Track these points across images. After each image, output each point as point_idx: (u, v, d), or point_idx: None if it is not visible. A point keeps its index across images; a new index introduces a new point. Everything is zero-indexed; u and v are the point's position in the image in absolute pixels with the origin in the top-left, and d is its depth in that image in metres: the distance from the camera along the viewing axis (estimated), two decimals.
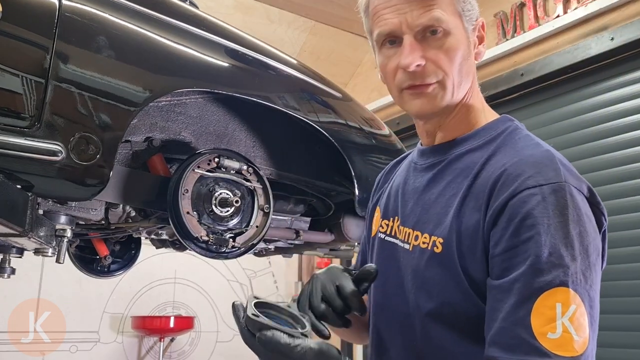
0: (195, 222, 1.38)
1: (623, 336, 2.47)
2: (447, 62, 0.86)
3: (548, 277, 0.72)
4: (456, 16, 0.87)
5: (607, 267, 2.40)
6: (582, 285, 0.73)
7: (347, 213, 1.81)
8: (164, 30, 1.28)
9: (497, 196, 0.80)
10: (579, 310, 0.72)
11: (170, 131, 1.48)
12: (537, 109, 3.07)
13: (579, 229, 0.76)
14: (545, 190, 0.76)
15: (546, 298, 0.72)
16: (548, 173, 0.78)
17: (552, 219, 0.75)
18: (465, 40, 0.89)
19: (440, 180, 0.92)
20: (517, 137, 0.89)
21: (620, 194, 2.58)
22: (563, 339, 0.70)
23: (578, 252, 0.74)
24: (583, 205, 0.78)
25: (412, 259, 0.91)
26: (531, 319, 0.71)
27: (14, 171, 1.04)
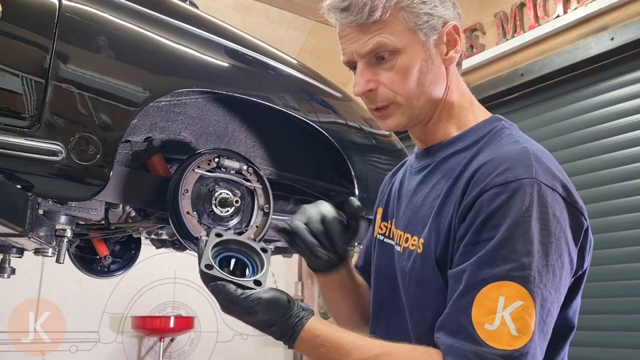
0: (195, 222, 1.38)
1: (623, 336, 2.47)
2: (399, 82, 0.88)
3: (495, 270, 0.74)
4: (409, 33, 0.88)
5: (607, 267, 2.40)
6: (536, 283, 0.73)
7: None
8: (164, 31, 1.28)
9: (469, 193, 0.81)
10: (525, 307, 0.72)
11: (170, 131, 1.48)
12: (537, 109, 3.07)
13: (541, 227, 0.76)
14: (511, 187, 0.77)
15: (490, 290, 0.73)
16: (518, 170, 0.79)
17: (513, 216, 0.75)
18: (422, 55, 0.89)
19: (428, 182, 0.93)
20: (500, 137, 0.90)
21: (620, 194, 2.58)
22: (499, 332, 0.71)
23: (536, 250, 0.74)
24: (553, 204, 0.78)
25: (402, 260, 0.93)
26: (472, 308, 0.73)
27: (14, 171, 1.04)
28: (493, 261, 0.74)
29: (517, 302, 0.72)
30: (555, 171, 0.83)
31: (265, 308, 0.84)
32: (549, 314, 0.75)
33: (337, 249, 1.03)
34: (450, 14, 0.91)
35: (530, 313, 0.72)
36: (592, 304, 2.61)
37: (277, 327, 0.84)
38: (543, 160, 0.82)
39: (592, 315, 2.60)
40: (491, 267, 0.74)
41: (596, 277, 2.61)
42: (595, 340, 2.57)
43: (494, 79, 3.23)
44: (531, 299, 0.72)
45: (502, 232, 0.75)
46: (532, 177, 0.78)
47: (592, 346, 2.58)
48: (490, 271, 0.74)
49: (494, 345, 0.71)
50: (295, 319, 0.84)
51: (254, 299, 0.84)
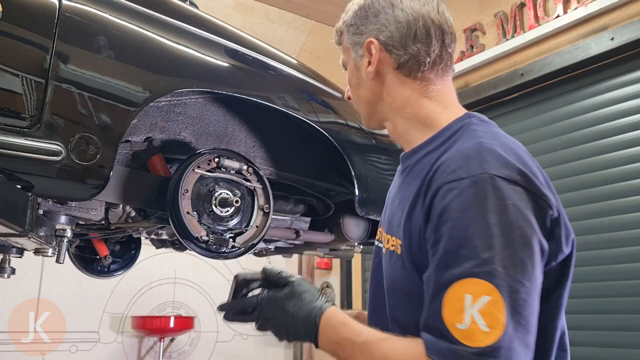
0: (195, 222, 1.38)
1: (623, 336, 2.47)
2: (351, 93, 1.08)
3: (457, 270, 0.75)
4: (348, 51, 1.04)
5: (607, 267, 2.39)
6: (501, 276, 0.73)
7: (347, 213, 1.81)
8: (164, 31, 1.28)
9: (427, 193, 0.84)
10: (493, 302, 0.72)
11: (170, 131, 1.48)
12: (537, 109, 3.07)
13: (500, 219, 0.76)
14: (463, 184, 0.78)
15: (455, 290, 0.74)
16: (471, 166, 0.80)
17: (467, 212, 0.76)
18: (355, 70, 1.03)
19: (405, 184, 0.97)
20: (465, 133, 0.91)
21: (620, 194, 2.58)
22: (470, 330, 0.72)
23: (497, 244, 0.74)
24: (511, 195, 0.77)
25: (387, 261, 0.97)
26: (443, 310, 0.75)
27: (14, 171, 1.04)
28: (455, 261, 0.76)
29: (483, 297, 0.72)
30: (513, 161, 0.82)
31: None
32: (524, 305, 0.75)
33: None
34: (374, 29, 0.97)
35: (499, 307, 0.72)
36: (592, 304, 2.61)
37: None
38: (499, 152, 0.82)
39: (592, 315, 2.60)
40: (453, 267, 0.75)
41: (596, 277, 2.61)
42: (595, 340, 2.57)
43: (494, 79, 3.23)
44: (498, 292, 0.73)
45: (459, 231, 0.76)
46: (484, 172, 0.78)
47: (592, 346, 2.58)
48: (453, 271, 0.75)
49: (468, 343, 0.72)
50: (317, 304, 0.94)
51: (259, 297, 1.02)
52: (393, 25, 0.96)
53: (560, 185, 2.84)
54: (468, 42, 3.42)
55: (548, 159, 2.92)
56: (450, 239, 0.77)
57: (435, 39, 0.96)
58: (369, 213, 1.65)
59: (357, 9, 1.01)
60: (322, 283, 4.67)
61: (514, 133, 3.13)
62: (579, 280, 2.68)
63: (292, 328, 0.93)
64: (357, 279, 4.32)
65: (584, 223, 2.70)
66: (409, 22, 0.95)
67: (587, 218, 2.69)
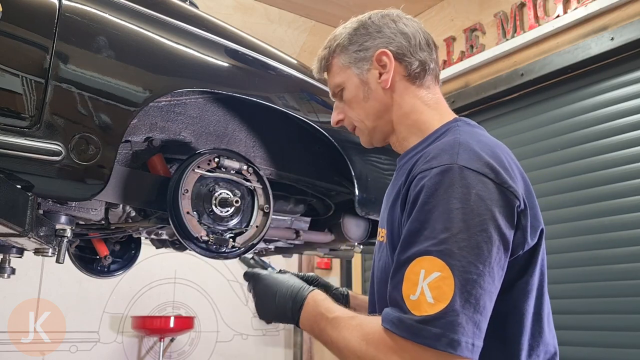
0: (195, 222, 1.38)
1: (623, 336, 2.47)
2: (350, 111, 1.10)
3: (417, 247, 0.83)
4: (347, 69, 1.08)
5: (607, 267, 2.39)
6: (455, 256, 0.80)
7: (347, 213, 1.81)
8: (164, 31, 1.28)
9: (406, 183, 0.93)
10: (442, 278, 0.79)
11: (170, 131, 1.48)
12: (537, 109, 3.07)
13: (462, 206, 0.82)
14: (433, 172, 0.86)
15: (414, 265, 0.82)
16: (442, 157, 0.88)
17: (433, 197, 0.84)
18: (360, 85, 1.07)
19: (394, 182, 1.07)
20: (448, 134, 0.99)
21: (620, 194, 2.58)
22: (418, 301, 0.80)
23: (456, 226, 0.81)
24: (476, 185, 0.84)
25: (378, 252, 1.07)
26: (402, 283, 0.83)
27: (14, 171, 1.04)
28: (416, 240, 0.83)
29: (434, 273, 0.80)
30: (483, 155, 0.88)
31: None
32: (475, 286, 0.80)
33: None
34: (381, 42, 1.06)
35: (447, 283, 0.79)
36: (592, 303, 2.61)
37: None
38: (472, 147, 0.89)
39: (592, 315, 2.60)
40: (415, 245, 0.83)
41: (596, 277, 2.61)
42: (595, 340, 2.57)
43: (494, 79, 3.23)
44: (449, 270, 0.79)
45: (424, 213, 0.84)
46: (454, 162, 0.85)
47: (592, 346, 2.58)
48: (414, 249, 0.83)
49: (414, 312, 0.80)
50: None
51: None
52: (400, 37, 1.05)
53: (560, 185, 2.84)
54: (468, 42, 3.42)
55: (548, 159, 2.92)
56: (414, 220, 0.85)
57: (433, 48, 1.09)
58: (369, 213, 1.66)
59: (354, 29, 1.08)
60: None
61: (514, 133, 3.14)
62: (579, 280, 2.68)
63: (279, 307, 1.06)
64: (357, 279, 4.33)
65: (584, 223, 2.70)
66: (412, 33, 1.06)
67: (587, 218, 2.69)
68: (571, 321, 2.68)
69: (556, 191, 2.84)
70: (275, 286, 1.09)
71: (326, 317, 0.95)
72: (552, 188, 2.86)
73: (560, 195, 2.83)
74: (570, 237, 2.74)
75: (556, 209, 2.81)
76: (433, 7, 3.75)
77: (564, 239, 2.76)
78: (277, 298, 1.07)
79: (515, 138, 3.12)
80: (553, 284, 2.82)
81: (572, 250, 2.73)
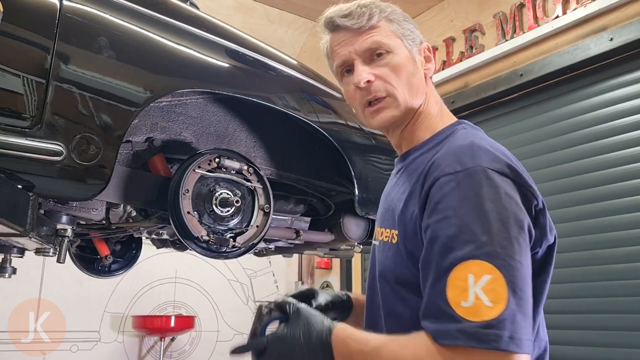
0: (196, 222, 1.38)
1: (623, 336, 2.47)
2: (393, 77, 1.03)
3: (459, 252, 0.81)
4: (398, 39, 1.05)
5: (607, 267, 2.39)
6: (500, 256, 0.80)
7: (347, 213, 1.82)
8: (164, 31, 1.28)
9: (423, 185, 0.92)
10: (494, 279, 0.79)
11: (171, 131, 1.48)
12: (536, 110, 3.07)
13: (496, 205, 0.83)
14: (460, 176, 0.86)
15: (458, 271, 0.80)
16: (464, 160, 0.88)
17: (465, 201, 0.84)
18: (410, 59, 1.05)
19: (400, 182, 1.06)
20: (457, 135, 1.00)
21: (620, 194, 2.59)
22: (475, 306, 0.78)
23: (495, 227, 0.82)
24: (502, 184, 0.86)
25: (380, 252, 1.05)
26: (447, 292, 0.80)
27: (15, 171, 1.05)
28: (456, 245, 0.82)
29: (485, 276, 0.79)
30: (501, 157, 0.90)
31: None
32: (521, 279, 0.81)
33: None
34: (420, 37, 1.09)
35: (500, 284, 0.79)
36: (592, 303, 2.62)
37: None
38: (488, 149, 0.91)
39: (592, 315, 2.61)
40: (455, 251, 0.81)
41: (596, 277, 2.62)
42: (595, 340, 2.57)
43: (493, 80, 3.24)
44: (497, 271, 0.79)
45: (459, 218, 0.83)
46: (477, 164, 0.87)
47: (592, 346, 2.58)
48: (455, 255, 0.81)
49: (473, 319, 0.77)
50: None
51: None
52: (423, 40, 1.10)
53: (559, 186, 2.84)
54: (467, 42, 3.43)
55: (547, 159, 2.92)
56: (450, 225, 0.83)
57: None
58: (368, 213, 1.66)
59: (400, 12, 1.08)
60: (322, 283, 4.68)
61: (514, 133, 3.14)
62: (579, 280, 2.68)
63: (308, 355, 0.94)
64: (357, 279, 4.33)
65: (583, 223, 2.70)
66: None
67: (587, 218, 2.70)
68: (571, 321, 2.68)
69: (555, 191, 2.85)
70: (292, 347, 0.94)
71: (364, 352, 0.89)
72: (551, 188, 2.86)
73: (559, 195, 2.83)
74: (570, 237, 2.74)
75: (555, 208, 2.81)
76: (433, 8, 3.76)
77: (563, 238, 2.76)
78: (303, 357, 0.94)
79: (515, 138, 3.12)
80: (553, 284, 2.81)
81: (571, 250, 2.73)
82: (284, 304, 1.00)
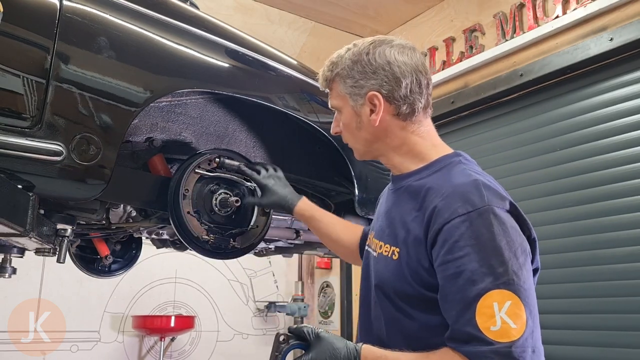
0: (196, 222, 1.38)
1: (623, 336, 2.47)
2: (345, 132, 1.19)
3: (482, 285, 0.93)
4: (343, 98, 1.15)
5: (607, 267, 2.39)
6: (516, 283, 0.94)
7: (347, 213, 1.82)
8: (164, 31, 1.28)
9: (434, 221, 1.01)
10: (514, 304, 0.92)
11: (170, 131, 1.48)
12: (536, 110, 3.07)
13: (506, 239, 0.96)
14: (472, 216, 0.97)
15: (485, 300, 0.92)
16: (474, 200, 0.99)
17: (480, 238, 0.96)
18: (353, 115, 1.15)
19: (400, 202, 1.15)
20: (454, 169, 1.10)
21: (620, 194, 2.59)
22: (503, 330, 0.91)
23: (507, 258, 0.95)
24: (507, 219, 0.99)
25: (377, 263, 1.14)
26: (476, 319, 0.92)
27: (15, 171, 1.05)
28: (478, 279, 0.94)
29: (507, 302, 0.92)
30: (503, 194, 1.03)
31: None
32: (532, 299, 0.96)
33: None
34: (374, 84, 1.12)
35: (519, 307, 0.92)
36: (592, 303, 2.61)
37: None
38: (491, 187, 1.03)
39: (592, 315, 2.61)
40: (478, 284, 0.93)
41: (596, 277, 2.62)
42: (595, 340, 2.57)
43: (493, 80, 3.23)
44: (516, 297, 0.93)
45: (477, 254, 0.95)
46: (485, 204, 0.98)
47: (592, 346, 2.58)
48: (479, 287, 0.93)
49: (502, 340, 0.90)
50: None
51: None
52: (393, 82, 1.11)
53: (559, 185, 2.84)
54: (467, 42, 3.43)
55: (547, 159, 2.92)
56: (471, 261, 0.95)
57: (425, 87, 1.14)
58: (368, 213, 1.66)
59: (353, 62, 1.13)
60: (322, 283, 4.68)
61: (513, 133, 3.14)
62: (579, 280, 2.68)
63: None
64: (357, 279, 4.33)
65: (583, 223, 2.70)
66: (405, 77, 1.12)
67: (587, 218, 2.69)
68: (571, 321, 2.68)
69: (555, 191, 2.85)
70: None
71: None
72: (551, 188, 2.86)
73: (559, 196, 2.83)
74: (570, 237, 2.74)
75: (555, 209, 2.81)
76: (433, 8, 3.76)
77: (563, 238, 2.76)
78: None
79: (515, 138, 3.12)
80: (552, 284, 2.82)
81: (571, 250, 2.73)
82: (302, 329, 1.06)
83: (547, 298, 2.77)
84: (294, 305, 4.50)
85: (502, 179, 3.06)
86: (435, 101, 3.65)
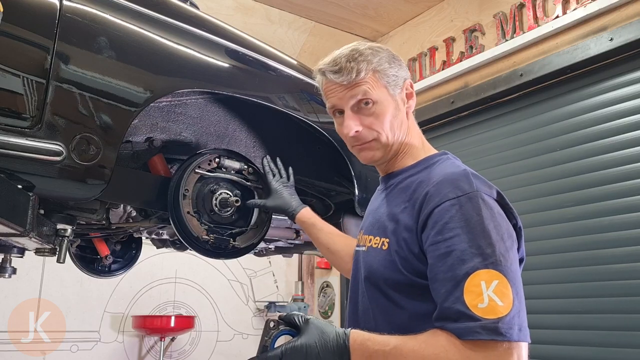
0: (196, 222, 1.38)
1: (623, 336, 2.47)
2: (378, 124, 1.16)
3: (470, 264, 0.96)
4: (382, 88, 1.16)
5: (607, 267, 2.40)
6: (503, 264, 0.97)
7: (346, 213, 1.82)
8: (164, 31, 1.28)
9: (425, 206, 1.05)
10: (501, 283, 0.95)
11: (171, 131, 1.48)
12: (536, 110, 3.07)
13: (493, 223, 1.00)
14: (462, 200, 1.01)
15: (472, 279, 0.95)
16: (464, 186, 1.03)
17: (469, 220, 0.99)
18: (392, 103, 1.17)
19: (390, 198, 1.19)
20: (444, 163, 1.16)
21: (620, 194, 2.59)
22: (490, 307, 0.93)
23: (495, 240, 0.98)
24: (494, 206, 1.04)
25: (367, 256, 1.18)
26: (464, 297, 0.95)
27: (15, 171, 1.05)
28: (467, 258, 0.97)
29: (494, 282, 0.95)
30: (490, 183, 1.08)
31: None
32: (517, 279, 0.99)
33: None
34: (406, 74, 1.21)
35: (506, 286, 0.95)
36: (592, 303, 2.62)
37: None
38: (480, 177, 1.08)
39: (592, 315, 2.61)
40: (467, 263, 0.97)
41: (596, 277, 2.62)
42: (594, 340, 2.57)
43: (493, 80, 3.24)
44: (503, 277, 0.96)
45: (467, 235, 0.98)
46: (474, 190, 1.03)
47: (592, 346, 2.58)
48: (468, 266, 0.96)
49: (490, 317, 0.92)
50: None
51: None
52: (409, 75, 1.22)
53: (559, 185, 2.84)
54: (467, 42, 3.43)
55: (547, 159, 2.92)
56: (461, 241, 0.98)
57: None
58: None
59: (387, 56, 1.18)
60: (322, 283, 4.68)
61: (513, 133, 3.14)
62: (579, 280, 2.68)
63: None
64: None
65: (583, 223, 2.70)
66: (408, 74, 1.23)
67: (587, 218, 2.69)
68: (570, 321, 2.68)
69: (555, 191, 2.85)
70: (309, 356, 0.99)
71: (385, 352, 0.98)
72: (551, 188, 2.86)
73: (559, 195, 2.83)
74: (570, 237, 2.74)
75: (555, 209, 2.81)
76: (433, 8, 3.76)
77: (563, 238, 2.77)
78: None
79: (515, 138, 3.12)
80: (552, 284, 2.82)
81: (571, 250, 2.73)
82: (292, 316, 1.06)
83: (547, 298, 2.77)
84: (294, 305, 4.50)
85: (502, 178, 3.07)
86: (435, 101, 3.66)
